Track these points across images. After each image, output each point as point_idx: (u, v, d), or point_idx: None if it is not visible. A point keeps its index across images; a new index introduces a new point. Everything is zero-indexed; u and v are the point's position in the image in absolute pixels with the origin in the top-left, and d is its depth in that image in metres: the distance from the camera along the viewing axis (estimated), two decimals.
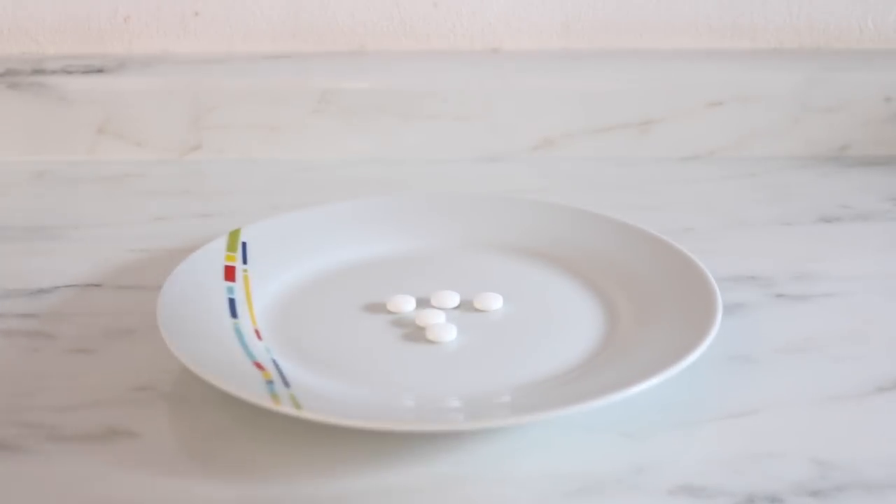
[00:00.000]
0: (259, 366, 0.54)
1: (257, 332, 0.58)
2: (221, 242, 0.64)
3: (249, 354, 0.55)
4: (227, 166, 0.81)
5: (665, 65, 0.83)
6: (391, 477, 0.48)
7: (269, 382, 0.52)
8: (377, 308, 0.60)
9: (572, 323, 0.59)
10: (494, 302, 0.60)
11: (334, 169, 0.81)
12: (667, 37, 0.86)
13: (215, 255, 0.63)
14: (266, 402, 0.49)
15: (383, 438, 0.50)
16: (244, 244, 0.64)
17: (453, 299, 0.60)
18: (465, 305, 0.61)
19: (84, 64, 0.84)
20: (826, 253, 0.68)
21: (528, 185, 0.79)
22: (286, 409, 0.49)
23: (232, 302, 0.59)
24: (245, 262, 0.63)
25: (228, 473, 0.49)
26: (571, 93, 0.82)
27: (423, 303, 0.60)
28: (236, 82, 0.82)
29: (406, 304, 0.60)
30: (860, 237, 0.70)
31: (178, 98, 0.82)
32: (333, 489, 0.48)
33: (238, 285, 0.61)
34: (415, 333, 0.58)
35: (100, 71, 0.83)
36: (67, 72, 0.82)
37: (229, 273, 0.62)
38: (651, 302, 0.59)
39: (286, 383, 0.52)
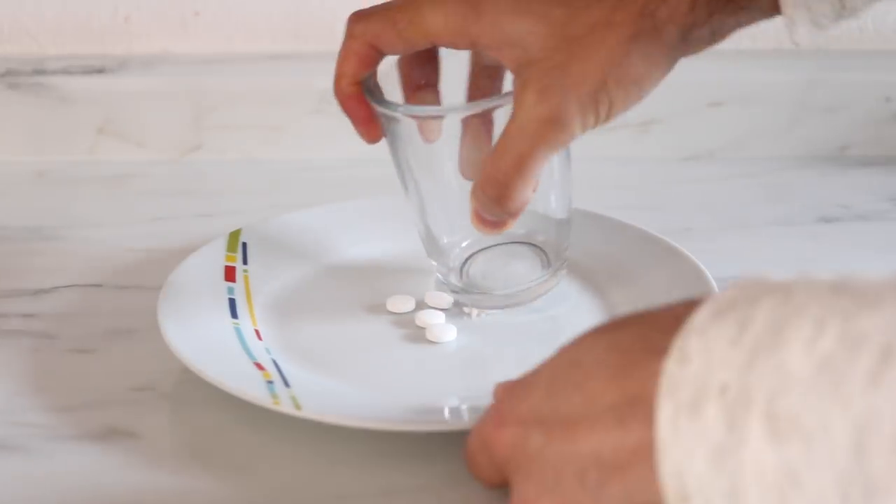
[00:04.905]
0: (259, 366, 0.54)
1: (257, 332, 0.58)
2: (221, 242, 0.63)
3: (249, 354, 0.55)
4: (227, 166, 0.81)
5: None
6: (391, 477, 0.48)
7: (269, 382, 0.52)
8: (377, 308, 0.60)
9: (572, 323, 0.59)
10: None
11: (334, 169, 0.81)
12: None
13: (215, 255, 0.62)
14: (266, 402, 0.50)
15: (383, 438, 0.50)
16: (244, 244, 0.64)
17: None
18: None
19: (84, 64, 0.83)
20: (826, 253, 0.68)
21: None
22: (286, 409, 0.49)
23: (232, 302, 0.59)
24: (245, 262, 0.63)
25: (228, 473, 0.49)
26: None
27: (422, 303, 0.60)
28: (236, 82, 0.82)
29: (406, 305, 0.60)
30: (860, 237, 0.70)
31: (178, 98, 0.82)
32: (333, 489, 0.48)
33: (238, 285, 0.61)
34: (414, 334, 0.58)
35: (100, 71, 0.83)
36: (68, 72, 0.82)
37: (229, 273, 0.62)
38: (651, 302, 0.59)
39: (286, 383, 0.52)
